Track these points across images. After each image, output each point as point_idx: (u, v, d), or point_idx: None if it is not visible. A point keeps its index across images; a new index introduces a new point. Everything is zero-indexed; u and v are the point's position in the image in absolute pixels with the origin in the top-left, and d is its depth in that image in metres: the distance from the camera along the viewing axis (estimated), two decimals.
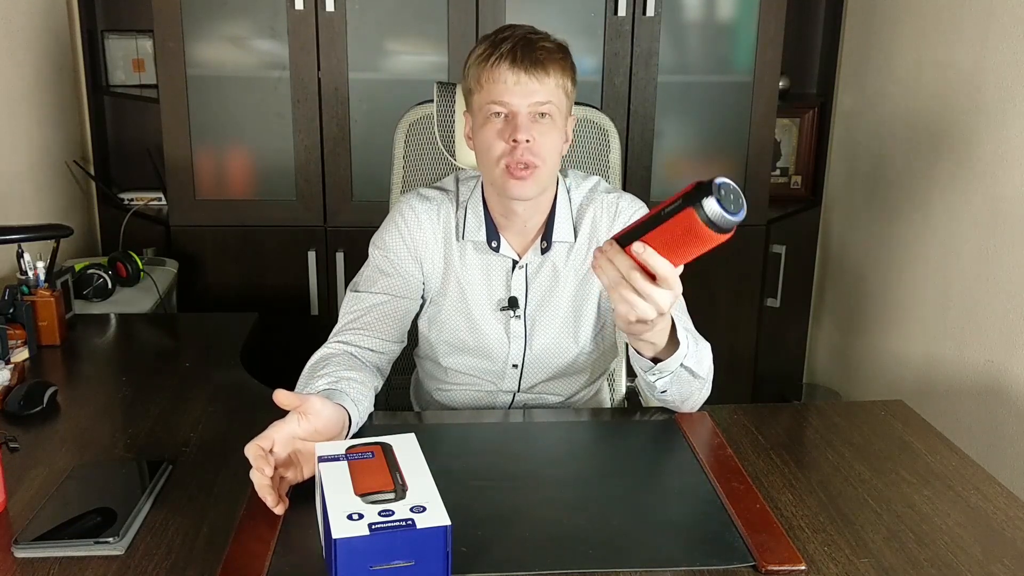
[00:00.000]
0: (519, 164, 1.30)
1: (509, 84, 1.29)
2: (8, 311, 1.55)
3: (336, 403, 1.14)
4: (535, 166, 1.31)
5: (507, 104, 1.30)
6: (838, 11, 2.75)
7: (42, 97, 2.32)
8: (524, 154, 1.30)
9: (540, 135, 1.31)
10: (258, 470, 1.01)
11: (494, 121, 1.31)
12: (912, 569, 0.97)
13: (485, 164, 1.35)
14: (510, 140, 1.30)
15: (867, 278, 2.62)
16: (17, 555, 0.97)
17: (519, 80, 1.29)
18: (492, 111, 1.31)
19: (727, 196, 0.93)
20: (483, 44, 1.33)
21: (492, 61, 1.30)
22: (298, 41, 2.34)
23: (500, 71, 1.29)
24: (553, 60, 1.31)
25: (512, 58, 1.29)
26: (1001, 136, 1.99)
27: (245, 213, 2.47)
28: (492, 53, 1.30)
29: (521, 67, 1.28)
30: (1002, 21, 1.99)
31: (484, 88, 1.32)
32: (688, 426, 1.29)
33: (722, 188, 0.93)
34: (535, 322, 1.46)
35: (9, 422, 1.30)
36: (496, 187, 1.36)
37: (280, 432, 1.05)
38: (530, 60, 1.29)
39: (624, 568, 0.96)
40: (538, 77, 1.29)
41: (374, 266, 1.43)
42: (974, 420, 2.06)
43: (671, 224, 0.95)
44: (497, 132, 1.31)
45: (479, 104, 1.34)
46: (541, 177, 1.33)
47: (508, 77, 1.29)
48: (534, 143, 1.30)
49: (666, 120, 2.52)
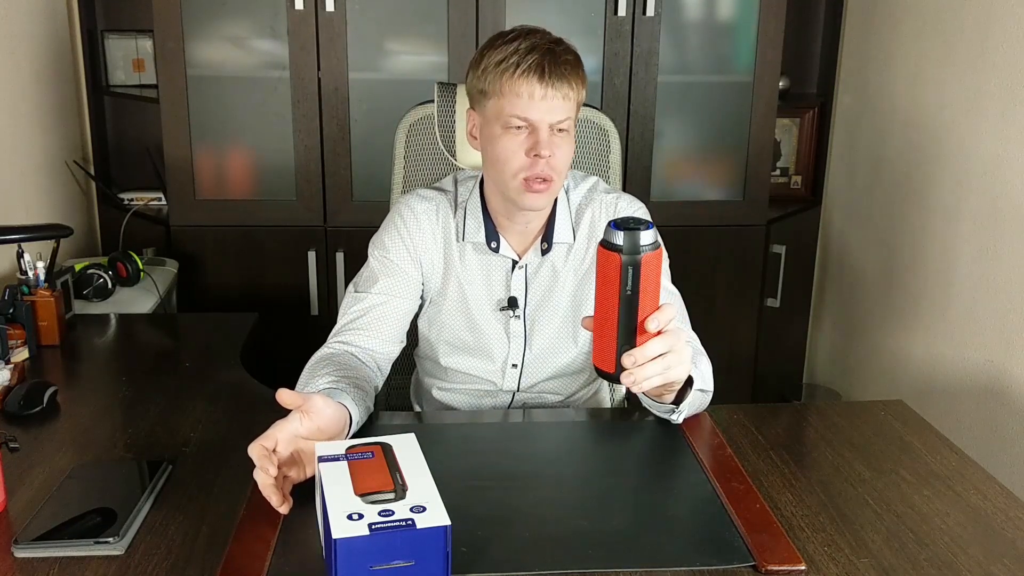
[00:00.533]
0: (538, 178, 1.30)
1: (535, 99, 1.27)
2: (8, 311, 1.55)
3: (337, 402, 1.14)
4: (552, 180, 1.31)
5: (530, 119, 1.29)
6: (838, 11, 2.75)
7: (42, 97, 2.32)
8: (544, 169, 1.30)
9: (558, 149, 1.30)
10: (262, 470, 1.01)
11: (515, 134, 1.30)
12: (912, 569, 0.97)
13: (499, 173, 1.33)
14: (531, 155, 1.29)
15: (867, 278, 2.62)
16: (17, 555, 0.97)
17: (545, 96, 1.27)
18: (513, 123, 1.29)
19: (624, 223, 1.00)
20: (504, 48, 1.29)
21: (519, 72, 1.27)
22: (298, 41, 2.34)
23: (527, 84, 1.27)
24: (576, 75, 1.30)
25: (540, 72, 1.26)
26: (1001, 136, 1.99)
27: (245, 213, 2.47)
28: (519, 63, 1.27)
29: (549, 83, 1.27)
30: (1002, 21, 1.99)
31: (506, 97, 1.29)
32: (688, 426, 1.29)
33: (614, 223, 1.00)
34: (535, 322, 1.46)
35: (9, 422, 1.30)
36: (509, 197, 1.35)
37: (283, 431, 1.05)
38: (557, 75, 1.27)
39: (624, 568, 0.96)
40: (563, 93, 1.28)
41: (373, 267, 1.43)
42: (974, 420, 2.06)
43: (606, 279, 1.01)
44: (518, 145, 1.30)
45: (496, 111, 1.31)
46: (555, 189, 1.34)
47: (536, 91, 1.27)
48: (553, 157, 1.30)
49: (666, 120, 2.52)
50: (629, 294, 1.00)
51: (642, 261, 0.98)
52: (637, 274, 0.99)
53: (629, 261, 0.98)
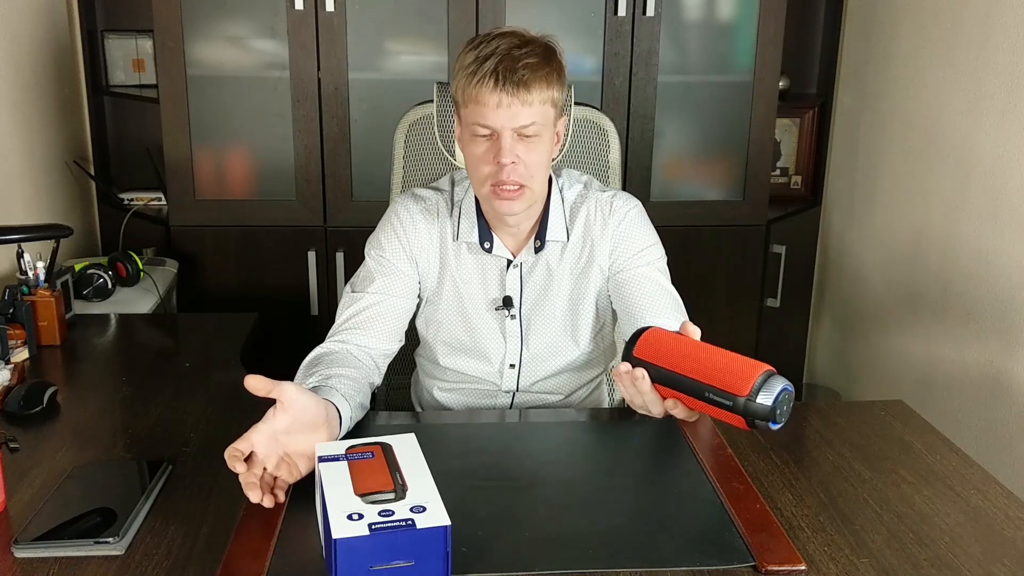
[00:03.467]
0: (503, 185, 1.29)
1: (491, 106, 1.26)
2: (8, 311, 1.55)
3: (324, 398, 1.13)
4: (523, 185, 1.30)
5: (490, 126, 1.28)
6: (838, 11, 2.75)
7: (42, 97, 2.32)
8: (510, 175, 1.29)
9: (525, 153, 1.29)
10: (232, 468, 1.01)
11: (479, 141, 1.30)
12: (912, 569, 0.97)
13: (473, 179, 1.35)
14: (495, 161, 1.29)
15: (867, 278, 2.62)
16: (17, 555, 0.97)
17: (501, 102, 1.25)
18: (477, 132, 1.29)
19: (782, 410, 1.01)
20: (469, 53, 1.29)
21: (476, 80, 1.26)
22: (298, 41, 2.34)
23: (483, 92, 1.25)
24: (537, 78, 1.27)
25: (495, 79, 1.24)
26: (1001, 136, 1.99)
27: (245, 213, 2.47)
28: (476, 71, 1.26)
29: (504, 90, 1.25)
30: (1002, 21, 1.99)
31: (469, 106, 1.29)
32: (688, 426, 1.29)
33: (781, 407, 1.00)
34: (531, 322, 1.46)
35: (9, 422, 1.30)
36: (484, 203, 1.36)
37: (258, 433, 1.03)
38: (512, 82, 1.25)
39: (624, 568, 0.96)
40: (521, 98, 1.26)
41: (370, 267, 1.43)
42: (974, 420, 2.06)
43: (715, 411, 1.05)
44: (483, 152, 1.30)
45: (465, 118, 1.32)
46: (529, 194, 1.33)
47: (490, 99, 1.25)
48: (519, 163, 1.29)
49: (666, 120, 2.52)
50: (706, 396, 1.04)
51: (740, 417, 1.02)
52: (728, 408, 1.02)
53: (743, 407, 1.01)
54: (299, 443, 1.06)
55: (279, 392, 1.04)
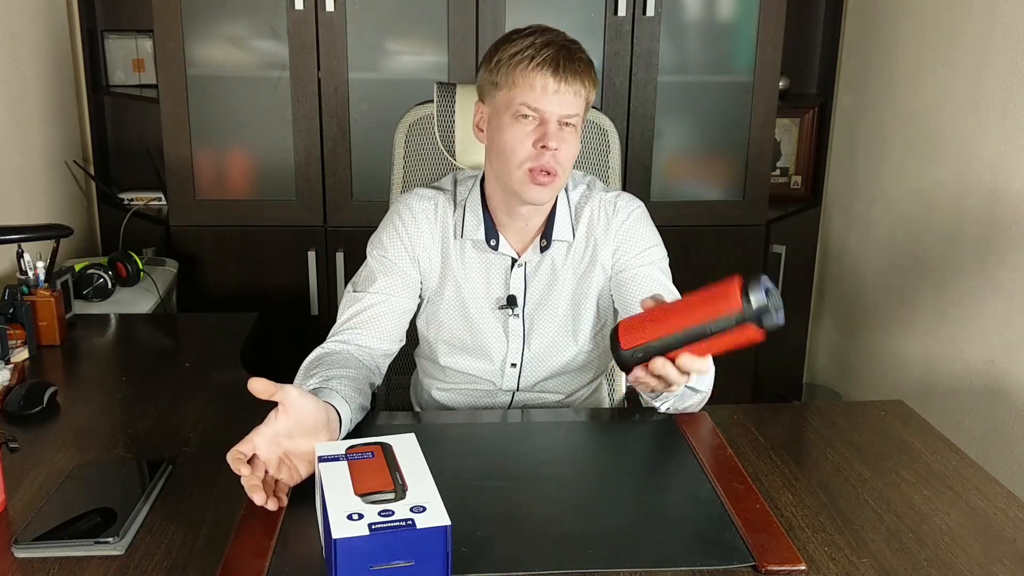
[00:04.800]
0: (543, 170, 1.30)
1: (548, 91, 1.29)
2: (8, 311, 1.55)
3: (324, 401, 1.13)
4: (556, 174, 1.32)
5: (540, 110, 1.30)
6: (838, 11, 2.75)
7: (42, 97, 2.32)
8: (550, 161, 1.30)
9: (565, 144, 1.31)
10: (235, 471, 1.02)
11: (523, 123, 1.31)
12: (912, 569, 0.97)
13: (503, 163, 1.34)
14: (538, 146, 1.30)
15: (867, 278, 2.62)
16: (17, 555, 0.97)
17: (559, 89, 1.29)
18: (522, 112, 1.30)
19: (775, 300, 0.99)
20: (519, 42, 1.31)
21: (534, 64, 1.28)
22: (298, 41, 2.34)
23: (541, 76, 1.28)
24: (588, 74, 1.32)
25: (555, 66, 1.28)
26: (1001, 136, 1.99)
27: (245, 213, 2.47)
28: (534, 56, 1.29)
29: (563, 77, 1.28)
30: (1002, 21, 1.99)
31: (518, 87, 1.30)
32: (688, 426, 1.29)
33: (772, 297, 0.99)
34: (534, 321, 1.46)
35: (9, 422, 1.30)
36: (512, 188, 1.35)
37: (261, 435, 1.04)
38: (571, 71, 1.29)
39: (624, 568, 0.96)
40: (575, 89, 1.30)
41: (372, 266, 1.43)
42: (974, 420, 2.06)
43: (724, 341, 1.02)
44: (525, 135, 1.31)
45: (506, 101, 1.32)
46: (559, 185, 1.34)
47: (549, 84, 1.28)
48: (559, 151, 1.30)
49: (666, 120, 2.52)
50: (709, 332, 1.01)
51: (749, 325, 0.99)
52: (733, 328, 1.00)
53: (745, 316, 0.99)
54: (299, 446, 1.06)
55: (282, 395, 1.05)
